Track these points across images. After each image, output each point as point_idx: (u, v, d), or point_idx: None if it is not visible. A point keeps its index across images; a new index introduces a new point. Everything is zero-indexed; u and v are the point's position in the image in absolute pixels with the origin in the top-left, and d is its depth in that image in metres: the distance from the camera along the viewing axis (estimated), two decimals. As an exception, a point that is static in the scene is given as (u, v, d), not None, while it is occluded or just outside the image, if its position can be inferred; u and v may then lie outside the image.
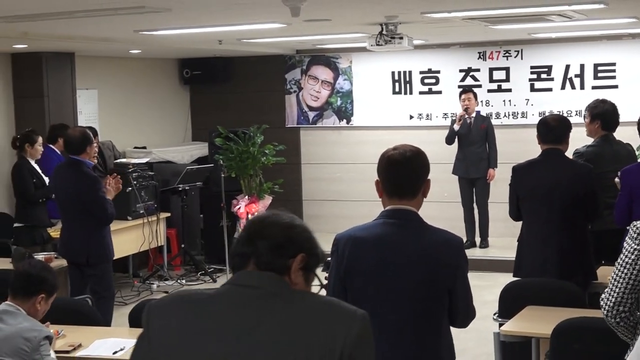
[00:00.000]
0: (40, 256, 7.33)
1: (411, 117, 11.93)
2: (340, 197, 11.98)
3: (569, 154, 6.17)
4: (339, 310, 2.30)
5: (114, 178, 7.52)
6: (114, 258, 7.68)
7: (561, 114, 10.15)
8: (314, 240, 2.41)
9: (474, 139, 10.68)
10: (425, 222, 3.52)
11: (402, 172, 3.47)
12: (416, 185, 3.48)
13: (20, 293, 4.55)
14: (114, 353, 4.90)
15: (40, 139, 8.70)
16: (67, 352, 4.87)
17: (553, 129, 5.92)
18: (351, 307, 2.31)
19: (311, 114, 12.48)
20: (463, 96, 10.75)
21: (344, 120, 12.32)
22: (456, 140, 10.76)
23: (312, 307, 2.30)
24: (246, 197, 10.77)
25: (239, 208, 10.69)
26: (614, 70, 10.98)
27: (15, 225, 8.85)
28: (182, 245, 10.68)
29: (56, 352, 4.67)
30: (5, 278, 5.63)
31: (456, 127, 10.66)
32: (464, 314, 3.57)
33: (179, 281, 10.22)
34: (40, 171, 8.68)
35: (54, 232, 8.51)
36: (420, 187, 3.49)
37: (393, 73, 11.97)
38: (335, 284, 3.49)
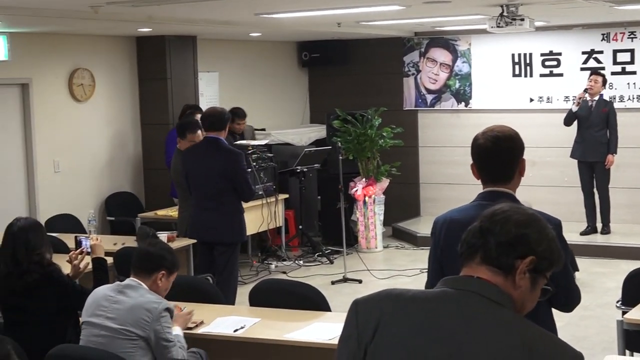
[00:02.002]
0: (163, 235, 7.52)
1: (531, 100, 11.73)
2: (457, 180, 11.87)
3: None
4: (561, 350, 2.17)
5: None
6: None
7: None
8: (549, 242, 2.26)
9: (594, 122, 10.41)
10: (521, 204, 3.45)
11: (492, 159, 3.35)
12: (508, 170, 3.37)
13: (141, 270, 4.67)
14: (235, 331, 4.99)
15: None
16: (190, 328, 5.00)
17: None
18: (572, 349, 2.17)
19: (429, 97, 12.41)
20: (591, 77, 10.47)
21: (462, 103, 12.20)
22: (575, 122, 10.51)
23: (535, 336, 2.16)
24: (363, 179, 10.81)
25: (356, 190, 10.74)
26: None
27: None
28: (300, 227, 10.79)
29: (179, 328, 4.79)
30: (132, 254, 5.83)
31: (574, 108, 10.42)
32: (568, 299, 3.43)
33: (296, 262, 10.34)
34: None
35: (174, 211, 8.72)
36: (513, 171, 3.37)
37: (513, 55, 11.79)
38: (433, 265, 3.48)
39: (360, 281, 9.39)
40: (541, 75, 11.68)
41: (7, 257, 5.08)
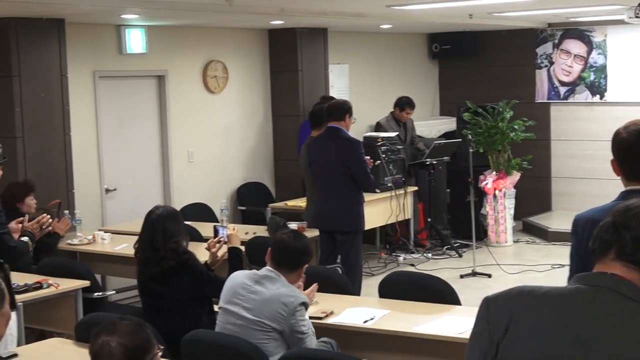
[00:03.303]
0: (293, 225, 7.60)
1: (670, 92, 11.35)
2: (591, 174, 11.59)
3: None
4: None
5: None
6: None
7: None
8: None
9: None
10: None
11: (636, 155, 3.21)
12: None
13: (284, 264, 4.69)
14: (365, 322, 5.01)
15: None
16: (320, 318, 5.04)
17: None
18: None
19: (562, 89, 12.14)
20: None
21: (597, 96, 11.88)
22: None
23: None
24: (494, 172, 10.67)
25: (486, 184, 10.62)
26: None
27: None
28: (429, 219, 10.73)
29: (310, 317, 4.83)
30: (263, 243, 5.92)
31: None
32: None
33: (424, 255, 10.30)
34: None
35: (303, 202, 8.80)
36: None
37: (652, 46, 11.43)
38: (577, 265, 3.38)
39: (489, 275, 9.29)
40: (681, 67, 11.28)
41: (146, 244, 5.23)
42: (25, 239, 5.19)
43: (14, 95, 7.80)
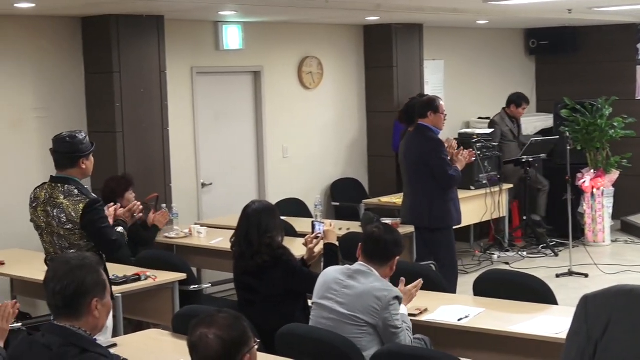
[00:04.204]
0: (387, 221, 7.59)
1: None
2: (693, 174, 11.31)
3: None
4: None
5: None
6: (458, 226, 7.79)
7: None
8: None
9: None
10: None
11: None
12: None
13: (375, 257, 4.71)
14: (459, 320, 4.98)
15: None
16: (414, 315, 5.02)
17: None
18: None
19: (664, 86, 11.85)
20: None
21: (701, 93, 11.56)
22: None
23: None
24: (592, 170, 10.47)
25: (584, 182, 10.42)
26: None
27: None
28: (524, 218, 10.59)
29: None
30: (356, 239, 5.92)
31: None
32: None
33: (519, 253, 10.17)
34: None
35: (397, 198, 8.79)
36: None
37: None
38: None
39: (586, 275, 9.11)
40: None
41: (241, 238, 5.28)
42: (120, 229, 5.29)
43: (114, 90, 7.97)
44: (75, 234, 5.03)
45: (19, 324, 4.81)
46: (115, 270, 6.02)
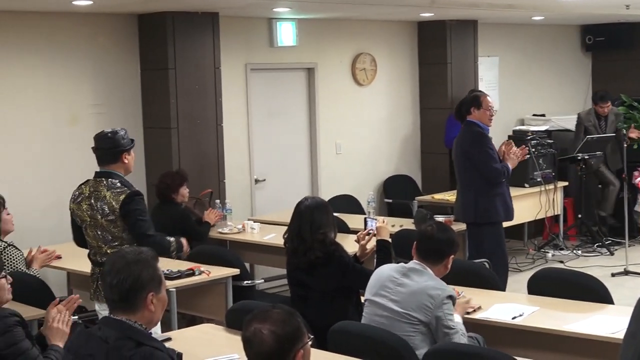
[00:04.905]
0: (440, 218, 7.57)
1: None
2: None
3: None
4: None
5: None
6: (509, 223, 7.73)
7: None
8: None
9: None
10: None
11: None
12: None
13: (429, 256, 4.68)
14: (513, 318, 4.94)
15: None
16: (468, 313, 4.99)
17: None
18: None
19: None
20: None
21: None
22: None
23: None
24: (648, 168, 10.33)
25: (640, 180, 10.29)
26: None
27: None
28: (579, 216, 10.47)
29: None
30: (409, 236, 5.91)
31: None
32: None
33: (574, 251, 10.06)
34: None
35: (450, 195, 8.75)
36: None
37: None
38: None
39: (643, 274, 9.00)
40: None
41: (294, 234, 5.30)
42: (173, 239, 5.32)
43: (169, 87, 8.05)
44: (117, 225, 5.08)
45: (76, 317, 4.85)
46: (170, 265, 6.07)
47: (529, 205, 9.48)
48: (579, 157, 10.16)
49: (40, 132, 7.79)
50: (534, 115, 11.48)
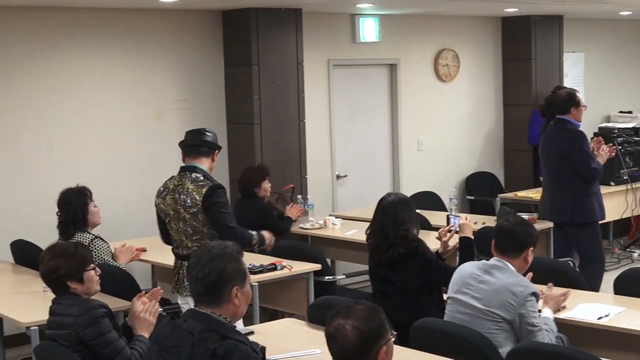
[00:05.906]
0: (524, 216, 7.47)
1: None
2: None
3: None
4: None
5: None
6: (601, 221, 7.61)
7: None
8: None
9: None
10: None
11: None
12: None
13: (508, 250, 4.65)
14: (599, 318, 4.86)
15: None
16: (559, 310, 4.92)
17: None
18: None
19: None
20: None
21: None
22: None
23: None
24: None
25: None
26: None
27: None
28: (666, 215, 10.25)
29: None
30: (491, 234, 5.85)
31: None
32: None
33: (650, 252, 9.88)
34: None
35: (534, 193, 8.64)
36: None
37: None
38: None
39: None
40: None
41: (376, 230, 5.30)
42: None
43: (252, 83, 8.11)
44: (198, 218, 5.14)
45: (161, 309, 4.93)
46: (252, 259, 6.12)
47: (615, 204, 9.29)
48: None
49: (127, 127, 7.92)
50: (620, 112, 11.26)
